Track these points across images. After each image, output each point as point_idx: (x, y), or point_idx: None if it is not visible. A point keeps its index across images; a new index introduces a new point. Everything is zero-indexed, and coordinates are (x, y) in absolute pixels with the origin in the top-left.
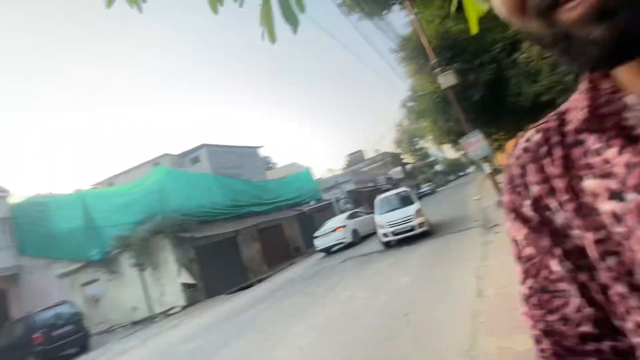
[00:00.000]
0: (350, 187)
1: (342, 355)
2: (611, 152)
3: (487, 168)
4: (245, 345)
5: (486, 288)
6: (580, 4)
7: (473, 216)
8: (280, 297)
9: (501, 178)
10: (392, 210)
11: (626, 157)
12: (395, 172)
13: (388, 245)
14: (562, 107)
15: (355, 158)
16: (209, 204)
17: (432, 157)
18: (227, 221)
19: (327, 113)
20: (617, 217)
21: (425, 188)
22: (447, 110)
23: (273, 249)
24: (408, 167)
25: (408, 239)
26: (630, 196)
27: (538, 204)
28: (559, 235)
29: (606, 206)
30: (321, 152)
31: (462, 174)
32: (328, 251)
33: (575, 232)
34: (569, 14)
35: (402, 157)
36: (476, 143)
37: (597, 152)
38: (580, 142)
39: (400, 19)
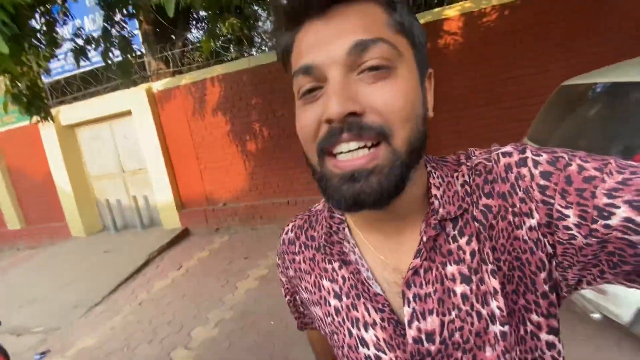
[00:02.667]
0: None
1: None
2: (334, 267)
3: None
4: None
5: None
6: (339, 168)
7: None
8: None
9: None
10: None
11: (343, 271)
12: None
13: None
14: (312, 209)
15: None
16: None
17: None
18: None
19: None
20: (337, 310)
21: None
22: None
23: None
24: None
25: None
26: (345, 298)
27: (291, 283)
28: (300, 304)
29: (333, 301)
30: None
31: None
32: None
33: (313, 309)
34: (332, 168)
35: None
36: None
37: (328, 262)
38: (322, 250)
39: None
